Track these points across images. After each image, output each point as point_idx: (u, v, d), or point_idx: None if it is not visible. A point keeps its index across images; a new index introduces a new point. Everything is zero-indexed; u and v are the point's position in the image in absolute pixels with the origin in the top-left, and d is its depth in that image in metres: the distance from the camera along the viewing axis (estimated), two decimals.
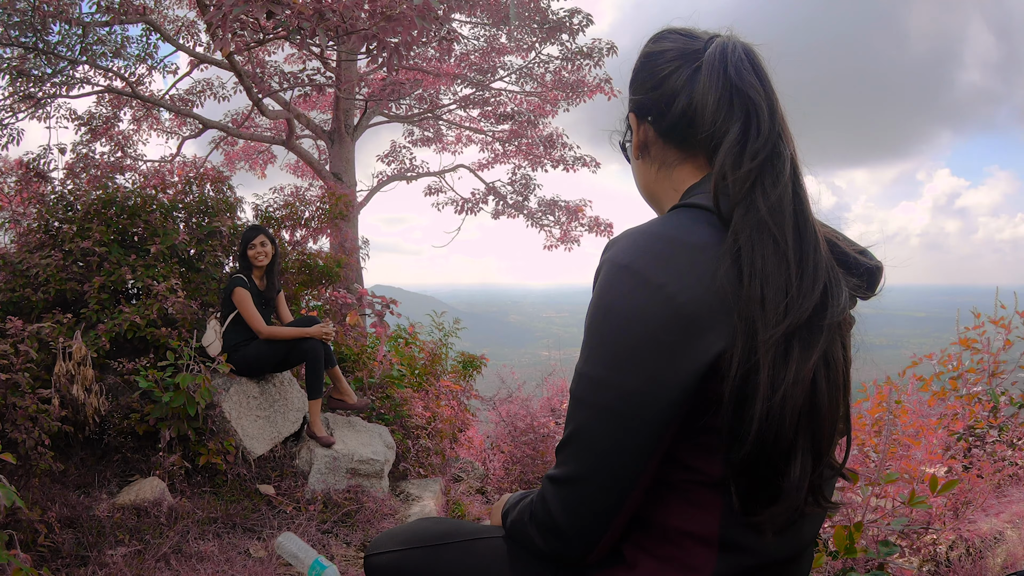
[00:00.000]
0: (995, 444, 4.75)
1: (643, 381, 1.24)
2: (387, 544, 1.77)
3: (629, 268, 1.27)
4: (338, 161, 14.48)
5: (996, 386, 5.21)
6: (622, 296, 1.26)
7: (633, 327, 1.24)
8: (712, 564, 1.32)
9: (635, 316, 1.24)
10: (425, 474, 6.26)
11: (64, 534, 4.02)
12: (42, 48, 10.94)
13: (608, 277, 1.29)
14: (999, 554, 3.63)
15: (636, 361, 1.24)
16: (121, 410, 5.06)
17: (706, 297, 1.22)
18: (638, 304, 1.24)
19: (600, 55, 15.14)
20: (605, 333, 1.28)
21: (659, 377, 1.23)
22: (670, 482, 1.33)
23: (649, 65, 1.51)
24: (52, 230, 6.04)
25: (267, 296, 5.71)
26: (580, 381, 1.32)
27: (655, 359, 1.23)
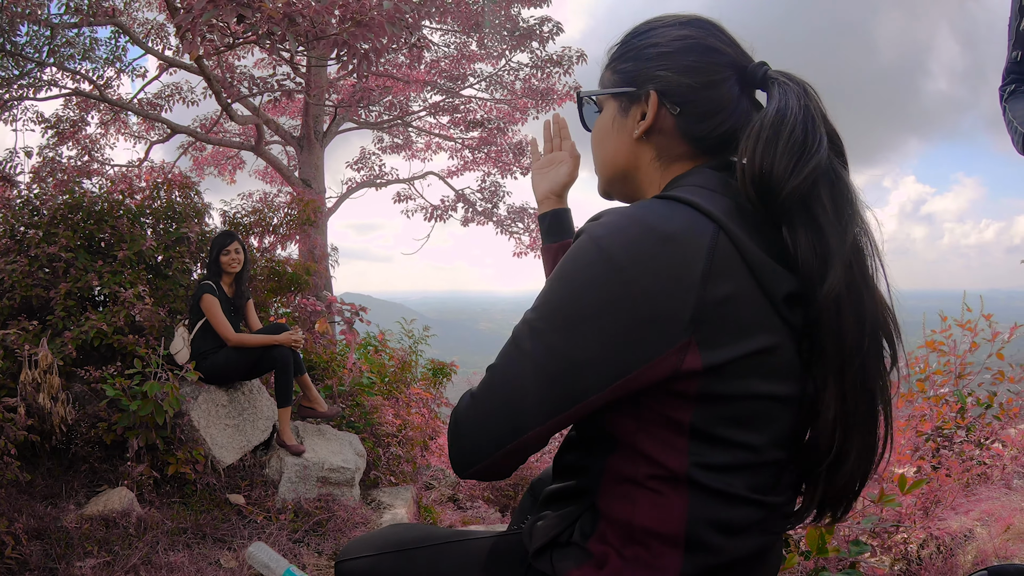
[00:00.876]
0: (963, 444, 4.82)
1: (577, 350, 1.24)
2: (359, 550, 1.76)
3: (599, 242, 1.26)
4: (307, 167, 14.43)
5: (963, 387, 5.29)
6: (585, 266, 1.25)
7: (584, 298, 1.24)
8: (678, 564, 1.31)
9: (589, 288, 1.24)
10: (396, 482, 6.24)
11: (32, 546, 3.96)
12: (9, 49, 10.82)
13: (580, 244, 1.29)
14: (969, 551, 3.67)
15: (577, 331, 1.24)
16: (88, 419, 4.99)
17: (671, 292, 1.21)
18: (596, 278, 1.23)
19: (570, 63, 15.21)
20: (558, 294, 1.28)
21: (592, 354, 1.23)
22: (636, 479, 1.32)
23: (700, 57, 1.41)
24: (17, 235, 5.95)
25: (236, 303, 5.67)
26: (523, 326, 1.32)
27: (596, 336, 1.23)
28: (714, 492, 1.29)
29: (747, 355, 1.23)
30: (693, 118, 1.41)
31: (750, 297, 1.23)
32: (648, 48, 1.44)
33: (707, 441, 1.27)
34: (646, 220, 1.26)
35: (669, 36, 1.43)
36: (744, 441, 1.28)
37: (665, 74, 1.41)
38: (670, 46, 1.42)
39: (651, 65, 1.43)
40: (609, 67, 1.52)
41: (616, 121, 1.50)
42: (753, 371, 1.24)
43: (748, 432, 1.28)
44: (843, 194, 1.31)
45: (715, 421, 1.26)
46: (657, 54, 1.42)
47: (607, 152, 1.54)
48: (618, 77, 1.49)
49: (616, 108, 1.50)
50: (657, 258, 1.21)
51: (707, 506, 1.30)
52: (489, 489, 7.30)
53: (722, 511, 1.30)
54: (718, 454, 1.28)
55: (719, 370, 1.22)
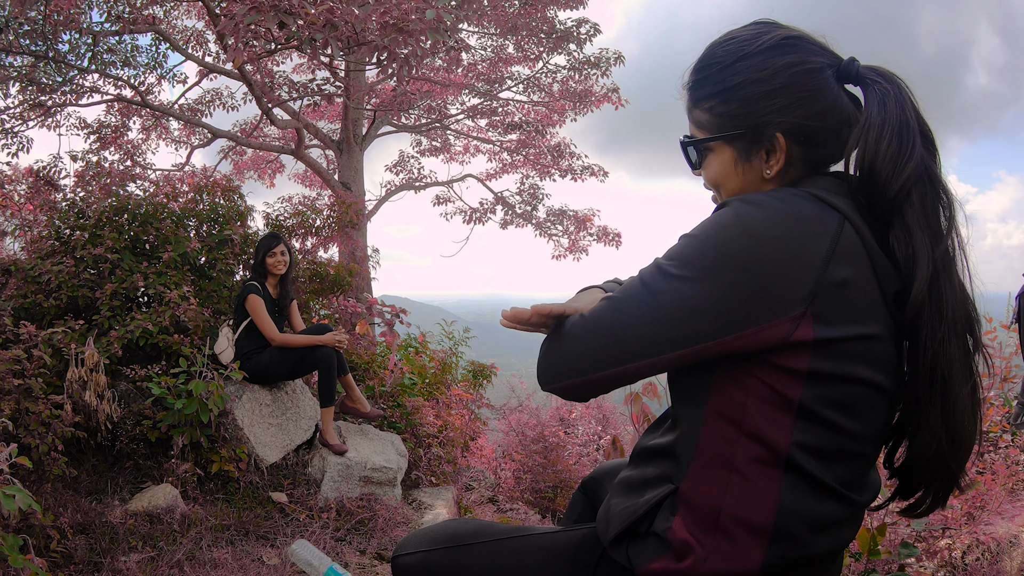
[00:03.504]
0: (1008, 448, 4.73)
1: (698, 299, 1.29)
2: (414, 544, 1.76)
3: (739, 212, 1.31)
4: (347, 171, 14.50)
5: (1008, 390, 5.21)
6: (722, 228, 1.31)
7: (717, 254, 1.28)
8: (761, 555, 1.32)
9: (723, 247, 1.28)
10: (437, 482, 6.24)
11: (77, 540, 4.00)
12: (52, 57, 10.99)
13: (723, 213, 1.34)
14: (1015, 557, 3.60)
15: (703, 281, 1.29)
16: (133, 417, 5.04)
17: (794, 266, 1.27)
18: (731, 240, 1.29)
19: (607, 65, 15.17)
20: (692, 246, 1.33)
21: (712, 305, 1.28)
22: (731, 463, 1.34)
23: (809, 83, 1.40)
24: (64, 237, 6.03)
25: (280, 304, 5.70)
26: (652, 267, 1.37)
27: (719, 289, 1.27)
28: (808, 480, 1.31)
29: (857, 337, 1.29)
30: (818, 147, 1.44)
31: (867, 285, 1.30)
32: (751, 85, 1.41)
33: (813, 420, 1.31)
34: (782, 205, 1.31)
35: (769, 67, 1.41)
36: (846, 426, 1.32)
37: (785, 118, 1.40)
38: (776, 80, 1.40)
39: (764, 106, 1.41)
40: (705, 108, 1.49)
41: (738, 164, 1.48)
42: (860, 356, 1.30)
43: (850, 418, 1.33)
44: (934, 194, 1.37)
45: (822, 401, 1.30)
46: (766, 92, 1.40)
47: (733, 191, 1.52)
48: (724, 121, 1.46)
49: (734, 153, 1.48)
50: (788, 233, 1.28)
51: (799, 496, 1.32)
52: (529, 491, 7.29)
53: (812, 502, 1.32)
54: (820, 436, 1.31)
55: (830, 347, 1.28)
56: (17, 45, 10.29)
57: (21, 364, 4.26)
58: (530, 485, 7.24)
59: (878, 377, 1.33)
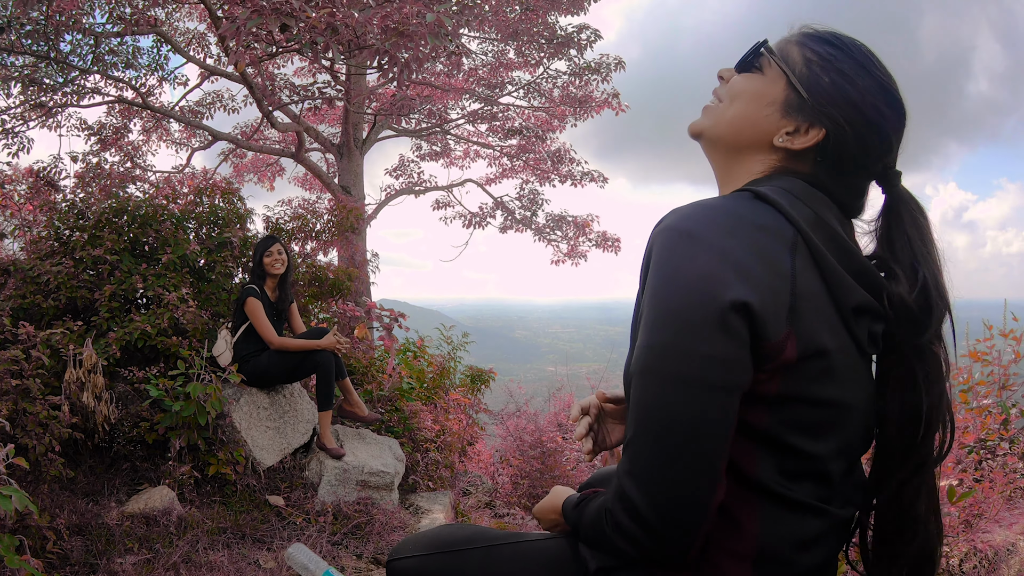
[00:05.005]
0: (1006, 456, 4.73)
1: (717, 345, 1.17)
2: (410, 549, 1.76)
3: (691, 233, 1.22)
4: (347, 174, 14.51)
5: (1007, 398, 5.20)
6: (687, 260, 1.20)
7: (701, 290, 1.17)
8: None
9: (702, 279, 1.18)
10: (434, 487, 6.24)
11: (73, 541, 3.99)
12: (54, 57, 11.00)
13: (669, 243, 1.23)
14: (1013, 565, 3.60)
15: (707, 324, 1.17)
16: (131, 418, 5.04)
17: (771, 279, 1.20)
18: (704, 267, 1.18)
19: (608, 70, 15.16)
20: (671, 298, 1.20)
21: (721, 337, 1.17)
22: None
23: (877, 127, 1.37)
24: (63, 238, 6.04)
25: (279, 307, 5.69)
26: (648, 353, 1.22)
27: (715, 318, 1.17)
28: (784, 501, 1.28)
29: (816, 354, 1.23)
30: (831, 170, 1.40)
31: (820, 300, 1.24)
32: (853, 80, 1.37)
33: (776, 447, 1.27)
34: (736, 210, 1.26)
35: (873, 90, 1.37)
36: (809, 449, 1.28)
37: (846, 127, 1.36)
38: (867, 101, 1.36)
39: (841, 100, 1.36)
40: (804, 54, 1.42)
41: (771, 107, 1.42)
42: (821, 373, 1.25)
43: (814, 440, 1.29)
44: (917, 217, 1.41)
45: (786, 425, 1.26)
46: (854, 100, 1.36)
47: (739, 119, 1.45)
48: (808, 77, 1.39)
49: (782, 98, 1.41)
50: (756, 243, 1.21)
51: (777, 517, 1.29)
52: (526, 496, 7.28)
53: (792, 522, 1.30)
54: (785, 460, 1.28)
55: (798, 367, 1.23)
56: (19, 45, 10.30)
57: (19, 364, 4.26)
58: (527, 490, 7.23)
59: (843, 395, 1.28)
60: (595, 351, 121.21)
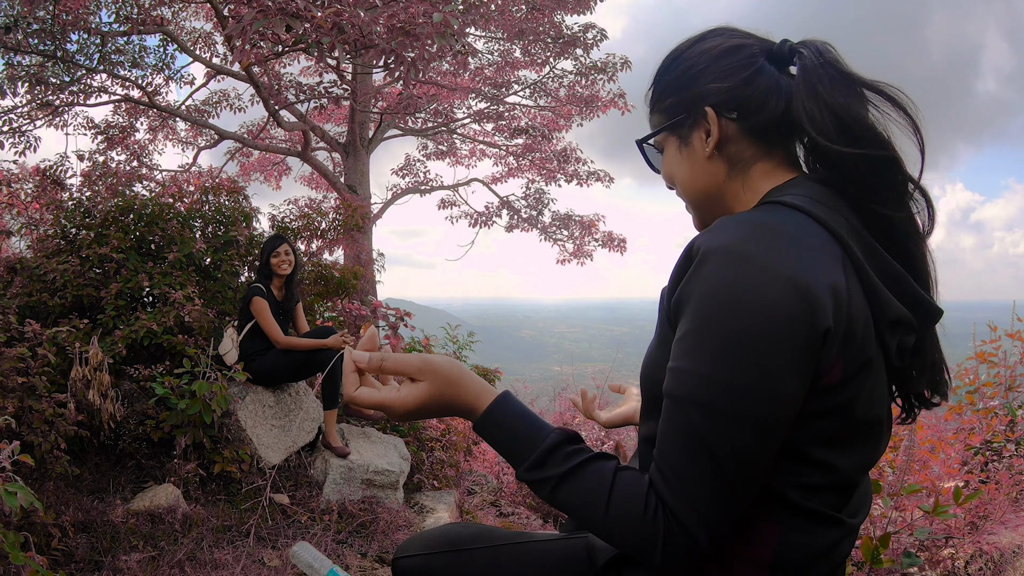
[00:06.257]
0: (1012, 458, 4.71)
1: (786, 382, 1.14)
2: (415, 548, 1.76)
3: (751, 258, 1.16)
4: (353, 173, 14.50)
5: (1013, 400, 5.18)
6: (752, 288, 1.14)
7: (772, 321, 1.13)
8: None
9: (771, 309, 1.13)
10: (439, 486, 6.24)
11: (78, 538, 4.00)
12: (60, 56, 11.01)
13: (727, 267, 1.17)
14: (1019, 567, 3.59)
15: (780, 359, 1.13)
16: (136, 416, 5.05)
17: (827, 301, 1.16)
18: (772, 296, 1.13)
19: (614, 70, 15.14)
20: (734, 328, 1.14)
21: (790, 376, 1.14)
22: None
23: (731, 58, 1.39)
24: (70, 236, 6.05)
25: (285, 306, 5.70)
26: (707, 386, 1.16)
27: (788, 356, 1.14)
28: (805, 513, 1.27)
29: (856, 374, 1.21)
30: (751, 114, 1.39)
31: (865, 318, 1.22)
32: (680, 76, 1.44)
33: (802, 462, 1.24)
34: (784, 228, 1.22)
35: (694, 54, 1.43)
36: (836, 463, 1.26)
37: (709, 87, 1.40)
38: (700, 61, 1.42)
39: (692, 87, 1.42)
40: (655, 111, 1.51)
41: (682, 151, 1.47)
42: (856, 391, 1.23)
43: (842, 455, 1.27)
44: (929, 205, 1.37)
45: (815, 441, 1.23)
46: (693, 75, 1.42)
47: (684, 181, 1.49)
48: (666, 114, 1.47)
49: (677, 141, 1.48)
50: (815, 265, 1.17)
51: (797, 527, 1.27)
52: (531, 496, 7.27)
53: (812, 533, 1.28)
54: (810, 475, 1.25)
55: (836, 387, 1.20)
56: (26, 45, 10.31)
57: (25, 362, 4.26)
58: None
59: (871, 410, 1.27)
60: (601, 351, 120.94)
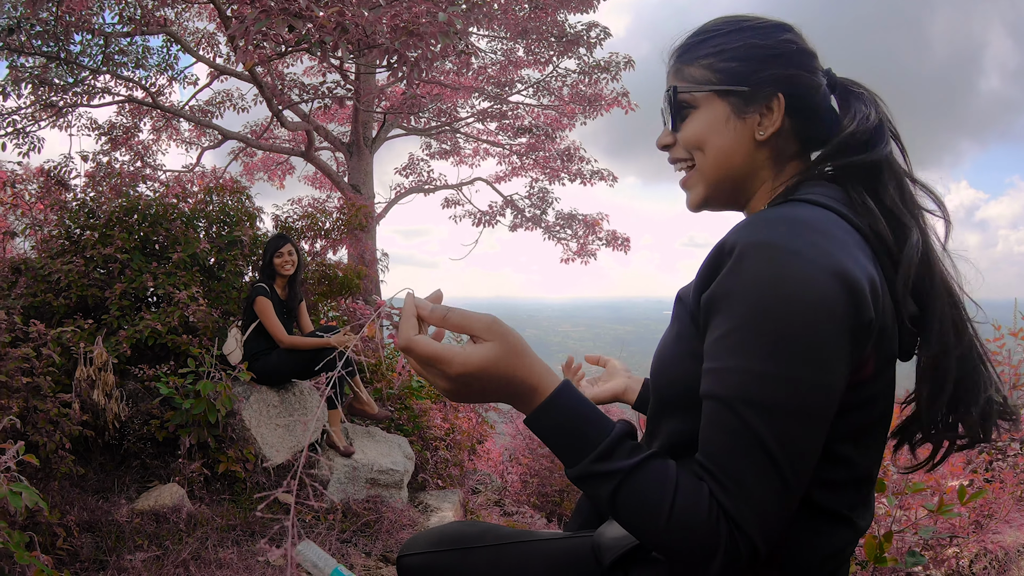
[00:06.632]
0: (1017, 457, 4.70)
1: (838, 373, 1.13)
2: (420, 545, 1.76)
3: (796, 252, 1.14)
4: (356, 173, 14.52)
5: (1018, 398, 5.16)
6: (801, 282, 1.12)
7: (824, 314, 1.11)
8: None
9: (822, 302, 1.11)
10: (444, 485, 6.24)
11: (83, 538, 4.01)
12: (64, 58, 11.03)
13: (772, 261, 1.14)
14: None
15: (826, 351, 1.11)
16: (141, 416, 5.05)
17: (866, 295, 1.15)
18: (821, 290, 1.11)
19: (617, 68, 15.14)
20: (785, 322, 1.12)
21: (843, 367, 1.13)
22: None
23: (810, 61, 1.39)
24: (74, 237, 6.06)
25: (289, 306, 5.70)
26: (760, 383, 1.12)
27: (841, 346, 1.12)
28: (820, 511, 1.26)
29: (882, 369, 1.23)
30: (809, 120, 1.39)
31: (890, 314, 1.23)
32: (755, 49, 1.38)
33: (828, 458, 1.22)
34: (821, 224, 1.21)
35: (774, 39, 1.39)
36: (855, 458, 1.26)
37: (788, 75, 1.36)
38: (780, 48, 1.38)
39: (768, 66, 1.37)
40: (701, 64, 1.41)
41: (731, 121, 1.39)
42: (880, 386, 1.24)
43: (860, 449, 1.27)
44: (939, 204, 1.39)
45: (837, 437, 1.21)
46: (769, 56, 1.37)
47: (720, 153, 1.41)
48: (724, 75, 1.39)
49: (729, 109, 1.39)
50: (856, 260, 1.17)
51: (812, 527, 1.27)
52: (535, 495, 7.28)
53: (825, 532, 1.28)
54: (831, 470, 1.24)
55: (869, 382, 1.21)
56: (29, 46, 10.33)
57: (30, 362, 4.27)
58: (537, 489, 7.24)
59: (889, 406, 1.28)
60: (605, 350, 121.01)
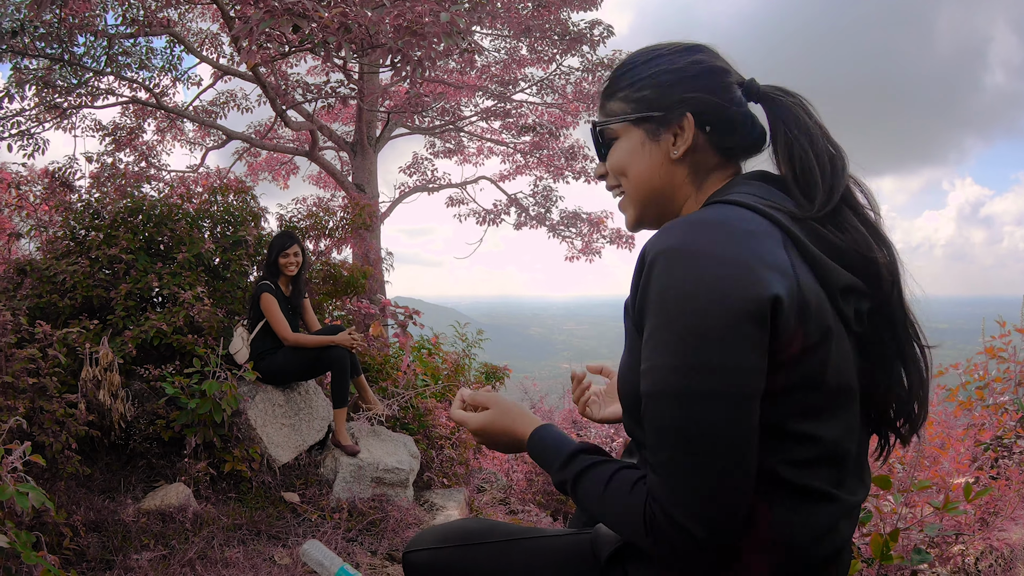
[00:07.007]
0: (1023, 454, 4.69)
1: (742, 354, 1.20)
2: (426, 541, 1.78)
3: (695, 251, 1.24)
4: (360, 172, 14.53)
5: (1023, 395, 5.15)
6: (700, 278, 1.21)
7: (720, 303, 1.19)
8: (764, 569, 1.31)
9: (719, 293, 1.20)
10: (449, 484, 6.24)
11: (89, 538, 4.02)
12: (68, 59, 11.04)
13: (675, 264, 1.24)
14: None
15: (731, 336, 1.19)
16: (147, 416, 5.06)
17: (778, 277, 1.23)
18: (719, 281, 1.20)
19: None
20: (689, 316, 1.21)
21: (746, 346, 1.20)
22: None
23: (720, 78, 1.48)
24: (79, 238, 6.07)
25: (294, 303, 5.70)
26: (672, 375, 1.22)
27: (741, 328, 1.19)
28: (798, 490, 1.29)
29: (817, 343, 1.26)
30: (724, 133, 1.49)
31: (815, 290, 1.28)
32: (664, 75, 1.49)
33: (788, 436, 1.28)
34: (726, 220, 1.30)
35: (683, 62, 1.49)
36: (820, 434, 1.29)
37: (694, 96, 1.46)
38: (688, 70, 1.48)
39: (675, 90, 1.47)
40: (619, 97, 1.54)
41: (646, 145, 1.51)
42: (822, 360, 1.27)
43: (823, 424, 1.30)
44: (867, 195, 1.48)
45: (793, 415, 1.27)
46: (678, 79, 1.48)
47: (640, 176, 1.53)
48: (637, 105, 1.51)
49: (643, 134, 1.51)
50: (755, 248, 1.25)
51: (792, 506, 1.30)
52: (540, 493, 7.28)
53: (807, 511, 1.31)
54: (797, 449, 1.28)
55: (801, 358, 1.25)
56: (33, 48, 10.34)
57: (36, 363, 4.28)
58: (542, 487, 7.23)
59: (841, 377, 1.30)
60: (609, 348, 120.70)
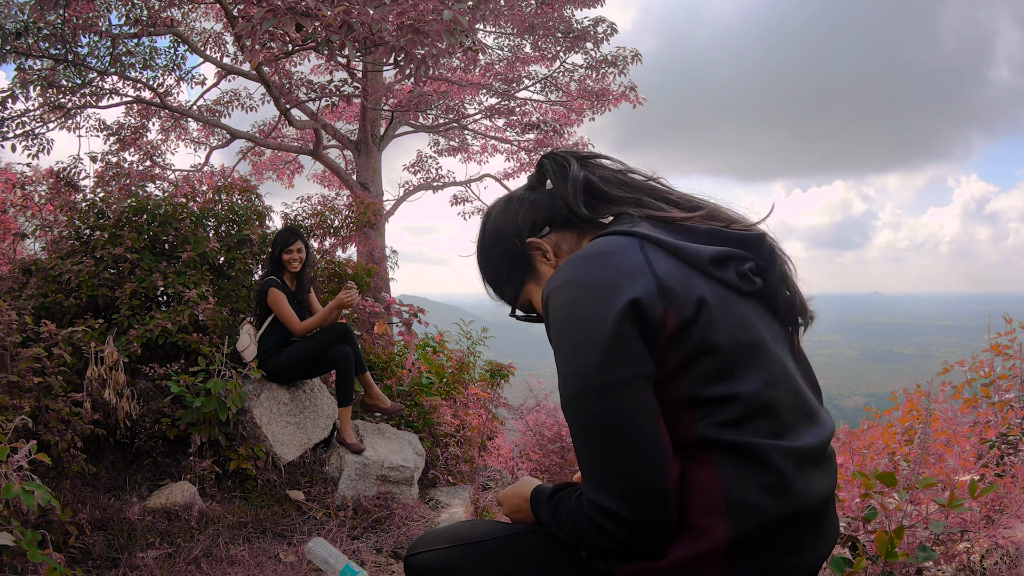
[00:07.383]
0: None
1: (618, 348, 1.38)
2: (428, 543, 1.79)
3: (569, 282, 1.48)
4: (365, 171, 14.53)
5: None
6: (574, 301, 1.45)
7: (590, 314, 1.41)
8: (724, 531, 1.36)
9: (588, 305, 1.42)
10: (454, 482, 6.25)
11: (95, 536, 4.03)
12: (72, 60, 11.06)
13: (556, 300, 1.48)
14: None
15: (605, 337, 1.38)
16: (152, 415, 5.07)
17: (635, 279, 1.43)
18: (587, 296, 1.43)
19: (624, 63, 15.10)
20: (570, 332, 1.44)
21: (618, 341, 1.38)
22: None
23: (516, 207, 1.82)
24: (84, 237, 6.08)
25: (299, 297, 5.70)
26: (565, 382, 1.44)
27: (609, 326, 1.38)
28: (736, 449, 1.39)
29: (695, 314, 1.41)
30: (551, 221, 1.77)
31: (679, 272, 1.46)
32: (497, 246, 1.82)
33: (705, 402, 1.41)
34: (587, 251, 1.53)
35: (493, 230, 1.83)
36: (737, 389, 1.41)
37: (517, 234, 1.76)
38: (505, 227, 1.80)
39: (510, 245, 1.78)
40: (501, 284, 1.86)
41: (541, 280, 1.76)
42: (707, 326, 1.42)
43: (736, 380, 1.42)
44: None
45: (701, 382, 1.41)
46: (502, 239, 1.79)
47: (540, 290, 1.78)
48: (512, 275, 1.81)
49: (532, 281, 1.79)
50: (613, 263, 1.47)
51: (736, 465, 1.39)
52: None
53: (753, 467, 1.39)
54: (720, 410, 1.40)
55: (685, 332, 1.40)
56: (37, 49, 10.36)
57: (42, 362, 4.29)
58: None
59: (737, 334, 1.45)
60: None
